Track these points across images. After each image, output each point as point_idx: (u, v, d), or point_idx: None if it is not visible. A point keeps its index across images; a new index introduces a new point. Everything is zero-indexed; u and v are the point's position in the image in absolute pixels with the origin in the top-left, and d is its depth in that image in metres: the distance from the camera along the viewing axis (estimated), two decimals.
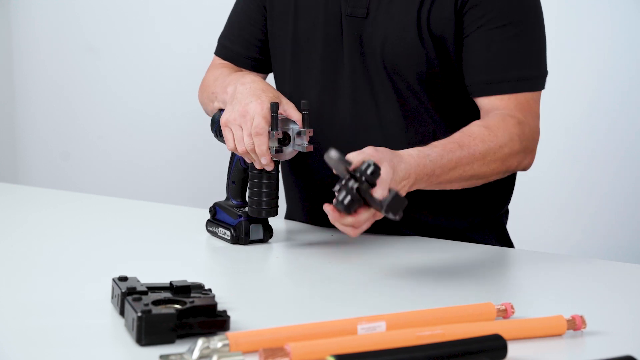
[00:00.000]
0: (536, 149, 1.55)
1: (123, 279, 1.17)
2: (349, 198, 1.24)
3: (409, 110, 1.57)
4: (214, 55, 1.77)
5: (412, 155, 1.36)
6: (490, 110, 1.52)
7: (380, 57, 1.55)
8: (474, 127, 1.47)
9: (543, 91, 1.59)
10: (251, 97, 1.48)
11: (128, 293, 1.13)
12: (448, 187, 1.45)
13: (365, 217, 1.28)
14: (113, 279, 1.18)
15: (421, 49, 1.53)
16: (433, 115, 1.57)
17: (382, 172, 1.25)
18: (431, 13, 1.53)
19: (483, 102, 1.54)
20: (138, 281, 1.17)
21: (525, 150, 1.50)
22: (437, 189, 1.44)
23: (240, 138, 1.47)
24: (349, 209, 1.25)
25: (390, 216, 1.21)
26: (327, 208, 1.28)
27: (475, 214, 1.64)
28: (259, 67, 1.72)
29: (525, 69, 1.53)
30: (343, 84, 1.59)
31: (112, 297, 1.19)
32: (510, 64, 1.52)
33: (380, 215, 1.28)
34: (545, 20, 1.57)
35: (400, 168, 1.32)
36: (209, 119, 1.65)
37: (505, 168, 1.49)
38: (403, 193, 1.32)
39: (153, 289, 1.15)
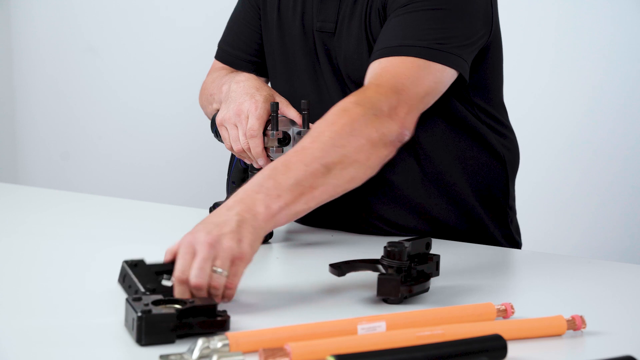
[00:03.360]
0: (402, 112, 1.34)
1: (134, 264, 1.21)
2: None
3: None
4: (214, 59, 1.78)
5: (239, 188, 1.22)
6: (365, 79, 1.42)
7: (345, 72, 1.56)
8: None
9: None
10: (245, 95, 1.48)
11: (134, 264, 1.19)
12: (318, 194, 1.24)
13: (180, 267, 1.14)
14: (124, 261, 1.21)
15: None
16: None
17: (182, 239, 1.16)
18: (372, 25, 1.52)
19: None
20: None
21: (379, 114, 1.30)
22: (312, 202, 1.24)
23: (235, 137, 1.47)
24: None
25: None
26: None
27: (472, 213, 1.64)
28: (259, 70, 1.72)
29: (412, 39, 1.42)
30: (325, 94, 1.60)
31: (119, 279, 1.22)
32: (395, 36, 1.43)
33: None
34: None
35: (212, 215, 1.18)
36: (209, 120, 1.65)
37: (367, 141, 1.28)
38: (236, 214, 1.16)
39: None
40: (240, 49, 1.72)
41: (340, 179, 1.26)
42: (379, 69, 1.40)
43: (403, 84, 1.37)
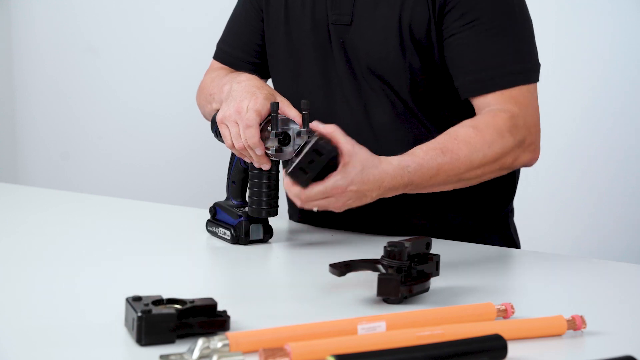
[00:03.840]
0: (538, 142, 1.50)
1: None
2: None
3: (399, 114, 1.57)
4: (212, 59, 1.77)
5: (391, 164, 1.36)
6: (484, 107, 1.50)
7: (365, 64, 1.56)
8: (461, 128, 1.44)
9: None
10: (245, 93, 1.49)
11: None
12: (435, 190, 1.43)
13: (315, 193, 1.31)
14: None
15: (403, 58, 1.53)
16: (422, 119, 1.57)
17: (350, 168, 1.31)
18: (412, 18, 1.52)
19: (476, 101, 1.51)
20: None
21: (522, 144, 1.46)
22: (423, 192, 1.43)
23: (236, 134, 1.47)
24: (296, 176, 1.31)
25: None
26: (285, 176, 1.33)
27: (474, 215, 1.64)
28: (258, 71, 1.72)
29: (515, 64, 1.50)
30: (336, 88, 1.60)
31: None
32: (498, 59, 1.49)
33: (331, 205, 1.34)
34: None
35: (370, 172, 1.33)
36: (208, 120, 1.65)
37: (499, 166, 1.45)
38: (374, 198, 1.36)
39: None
40: (240, 49, 1.72)
41: (456, 186, 1.44)
42: (505, 99, 1.48)
43: (535, 115, 1.50)
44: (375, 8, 1.55)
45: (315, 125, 1.36)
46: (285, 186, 1.34)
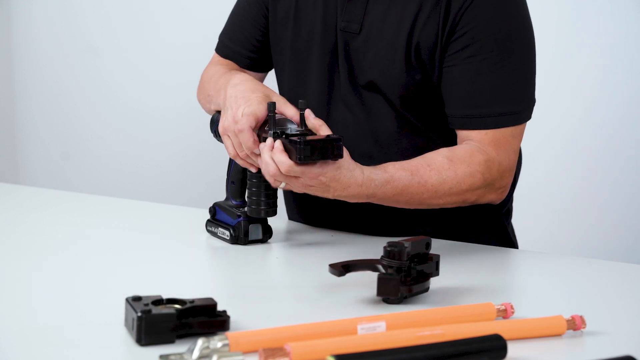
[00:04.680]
0: (508, 185, 1.54)
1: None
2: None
3: (401, 122, 1.57)
4: (214, 52, 1.78)
5: (363, 174, 1.40)
6: (466, 138, 1.52)
7: (368, 75, 1.56)
8: (437, 156, 1.48)
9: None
10: (240, 100, 1.49)
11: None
12: (397, 206, 1.49)
13: (294, 170, 1.35)
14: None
15: (406, 75, 1.53)
16: (422, 130, 1.58)
17: (329, 161, 1.36)
18: (421, 38, 1.52)
19: (461, 132, 1.54)
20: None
21: (489, 186, 1.50)
22: (386, 205, 1.48)
23: (238, 144, 1.47)
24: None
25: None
26: (275, 143, 1.38)
27: (472, 215, 1.63)
28: (257, 66, 1.72)
29: (508, 105, 1.51)
30: (339, 93, 1.60)
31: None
32: (493, 99, 1.51)
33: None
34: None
35: (343, 174, 1.38)
36: (209, 118, 1.65)
37: (462, 200, 1.50)
38: (334, 196, 1.41)
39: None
40: (241, 44, 1.72)
41: (418, 207, 1.49)
42: (487, 140, 1.51)
43: (512, 159, 1.53)
44: (385, 22, 1.54)
45: (308, 114, 1.41)
46: (275, 149, 1.37)
